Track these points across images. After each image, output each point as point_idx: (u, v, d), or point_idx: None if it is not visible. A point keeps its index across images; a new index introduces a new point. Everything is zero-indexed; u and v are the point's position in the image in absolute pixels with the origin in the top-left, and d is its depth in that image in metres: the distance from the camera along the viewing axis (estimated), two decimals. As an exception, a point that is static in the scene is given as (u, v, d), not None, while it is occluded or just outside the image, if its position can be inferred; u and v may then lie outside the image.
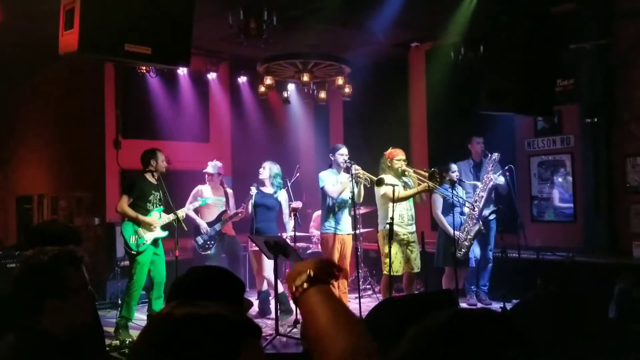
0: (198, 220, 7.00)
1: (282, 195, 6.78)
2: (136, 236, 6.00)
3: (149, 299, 6.24)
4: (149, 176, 6.19)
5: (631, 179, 6.84)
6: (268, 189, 6.75)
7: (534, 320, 5.07)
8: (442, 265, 6.86)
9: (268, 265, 6.74)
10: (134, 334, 5.90)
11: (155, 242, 6.12)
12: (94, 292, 2.29)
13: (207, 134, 9.34)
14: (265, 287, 6.67)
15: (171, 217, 6.13)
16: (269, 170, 6.75)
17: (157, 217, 6.13)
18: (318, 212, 8.56)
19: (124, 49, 3.51)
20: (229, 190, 7.34)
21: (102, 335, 2.88)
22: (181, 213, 6.19)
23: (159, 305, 6.12)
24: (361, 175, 6.16)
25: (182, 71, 8.65)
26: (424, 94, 8.97)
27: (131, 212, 6.01)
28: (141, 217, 6.01)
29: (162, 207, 6.23)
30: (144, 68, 7.51)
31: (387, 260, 6.09)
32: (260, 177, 6.76)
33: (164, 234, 6.18)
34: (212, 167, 7.21)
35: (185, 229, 6.30)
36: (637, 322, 4.69)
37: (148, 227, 6.03)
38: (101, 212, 8.21)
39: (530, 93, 5.86)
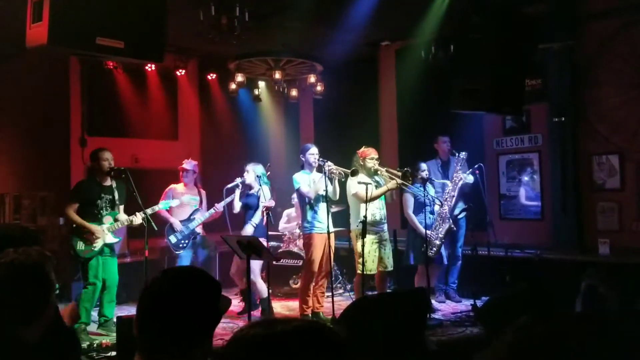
0: (171, 219, 6.84)
1: (264, 189, 6.70)
2: (84, 242, 5.82)
3: (100, 302, 6.02)
4: (99, 178, 5.97)
5: (597, 177, 6.99)
6: (255, 190, 6.69)
7: (504, 318, 5.14)
8: (413, 264, 6.89)
9: (236, 264, 6.69)
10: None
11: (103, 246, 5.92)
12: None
13: (176, 132, 9.19)
14: (265, 294, 6.55)
15: (125, 221, 5.97)
16: (252, 172, 6.69)
17: (108, 223, 5.91)
18: (288, 211, 8.54)
19: (95, 42, 3.40)
20: (202, 191, 7.22)
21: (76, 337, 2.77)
22: (138, 218, 5.96)
23: (110, 309, 6.01)
24: (334, 171, 6.14)
25: (150, 67, 8.49)
26: (394, 92, 9.00)
27: (77, 219, 5.81)
28: (87, 224, 5.80)
29: (116, 210, 6.01)
30: (111, 64, 7.34)
31: (361, 259, 6.09)
32: (247, 181, 6.68)
33: (115, 240, 5.99)
34: (188, 163, 7.06)
35: (155, 228, 6.17)
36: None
37: (91, 236, 5.81)
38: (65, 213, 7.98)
39: (500, 92, 5.93)
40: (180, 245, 6.80)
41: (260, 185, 6.66)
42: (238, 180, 6.61)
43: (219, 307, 1.66)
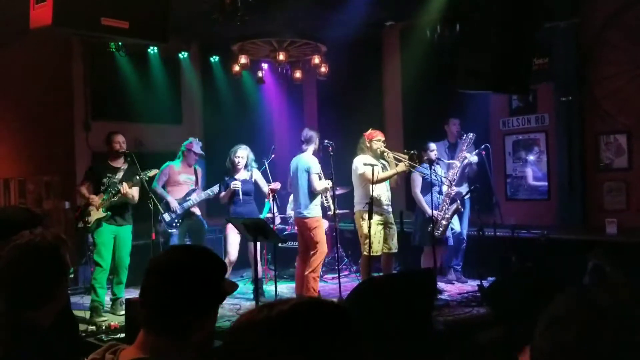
0: (168, 197, 6.77)
1: (257, 174, 6.74)
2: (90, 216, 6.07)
3: (111, 283, 6.24)
4: (110, 160, 6.23)
5: (604, 157, 6.95)
6: (243, 175, 6.68)
7: (510, 298, 5.14)
8: (420, 245, 6.88)
9: (233, 247, 6.71)
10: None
11: (113, 220, 6.08)
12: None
13: (180, 115, 9.15)
14: (260, 274, 6.61)
15: (116, 197, 6.07)
16: (246, 157, 6.68)
17: (101, 198, 6.07)
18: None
19: (100, 23, 3.36)
20: (199, 169, 7.12)
21: (73, 317, 2.75)
22: (130, 190, 6.07)
23: (120, 290, 6.19)
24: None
25: (153, 50, 8.42)
26: (398, 73, 8.93)
27: (82, 191, 6.10)
28: (87, 195, 6.05)
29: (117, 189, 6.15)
30: (114, 46, 7.28)
31: (367, 240, 6.09)
32: (239, 166, 6.67)
33: (102, 214, 6.05)
34: (197, 145, 6.96)
35: (162, 211, 6.16)
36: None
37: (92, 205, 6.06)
38: (71, 196, 7.98)
39: (506, 71, 5.87)
40: (174, 224, 6.69)
41: (250, 171, 6.67)
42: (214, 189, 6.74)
43: (221, 286, 1.65)
